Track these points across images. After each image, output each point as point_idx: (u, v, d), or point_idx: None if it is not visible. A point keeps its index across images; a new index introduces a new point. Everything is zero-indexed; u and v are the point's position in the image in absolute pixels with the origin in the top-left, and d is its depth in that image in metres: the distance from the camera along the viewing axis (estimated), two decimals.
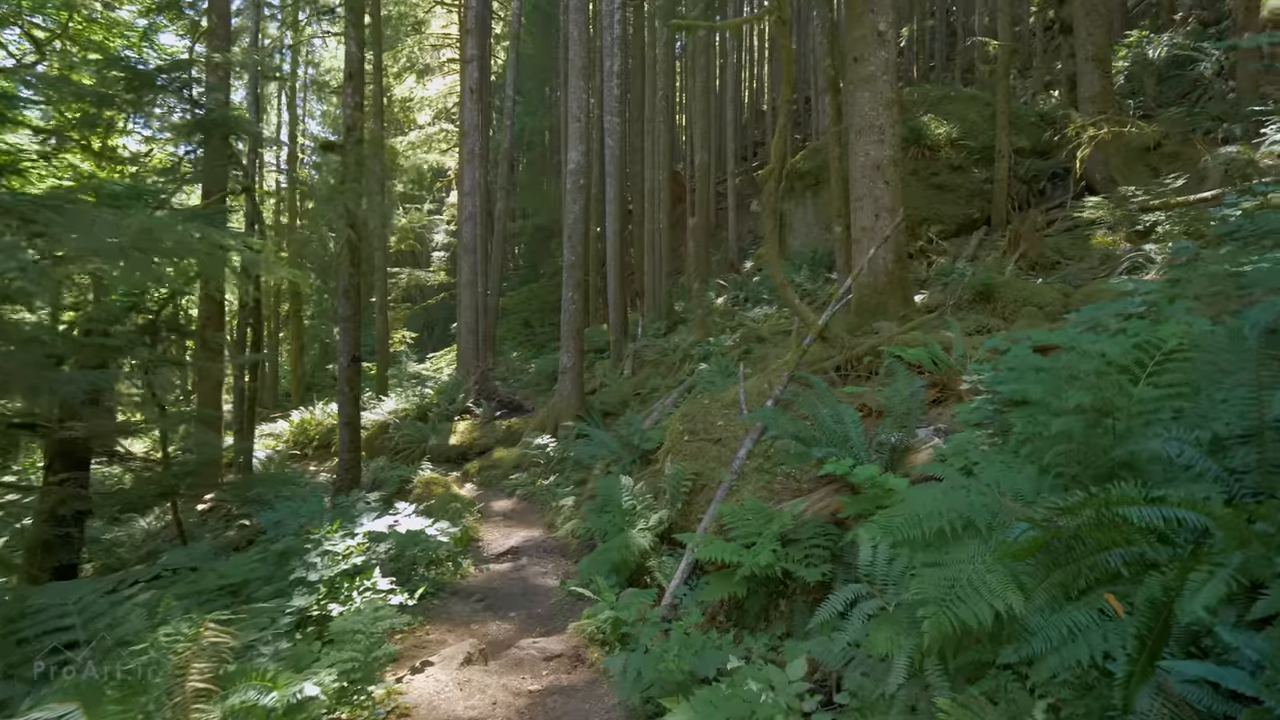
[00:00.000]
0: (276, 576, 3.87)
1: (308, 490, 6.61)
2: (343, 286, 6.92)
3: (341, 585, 3.74)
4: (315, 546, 3.97)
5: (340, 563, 3.81)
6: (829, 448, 3.86)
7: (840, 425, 4.18)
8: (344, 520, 4.54)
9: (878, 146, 7.20)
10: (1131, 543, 1.85)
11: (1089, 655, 1.64)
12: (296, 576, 3.67)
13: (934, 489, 2.23)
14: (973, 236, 10.77)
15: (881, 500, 3.20)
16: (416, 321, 29.89)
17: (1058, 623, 1.71)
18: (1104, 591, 1.78)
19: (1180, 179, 8.09)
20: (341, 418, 7.20)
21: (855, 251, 7.38)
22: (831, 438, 4.06)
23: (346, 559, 3.87)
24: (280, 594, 3.64)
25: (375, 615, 3.06)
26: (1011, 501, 2.02)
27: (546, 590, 5.40)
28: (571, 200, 11.07)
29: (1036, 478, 2.18)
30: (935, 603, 1.69)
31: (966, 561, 1.80)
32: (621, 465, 7.66)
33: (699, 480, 5.39)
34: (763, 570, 3.41)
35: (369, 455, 12.87)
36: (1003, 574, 1.73)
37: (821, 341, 6.10)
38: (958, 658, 1.78)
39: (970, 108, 13.36)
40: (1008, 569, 1.76)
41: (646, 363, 13.59)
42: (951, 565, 1.81)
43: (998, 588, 1.69)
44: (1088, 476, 2.12)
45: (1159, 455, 2.12)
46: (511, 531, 7.34)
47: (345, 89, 7.03)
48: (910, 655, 1.78)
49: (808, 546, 3.65)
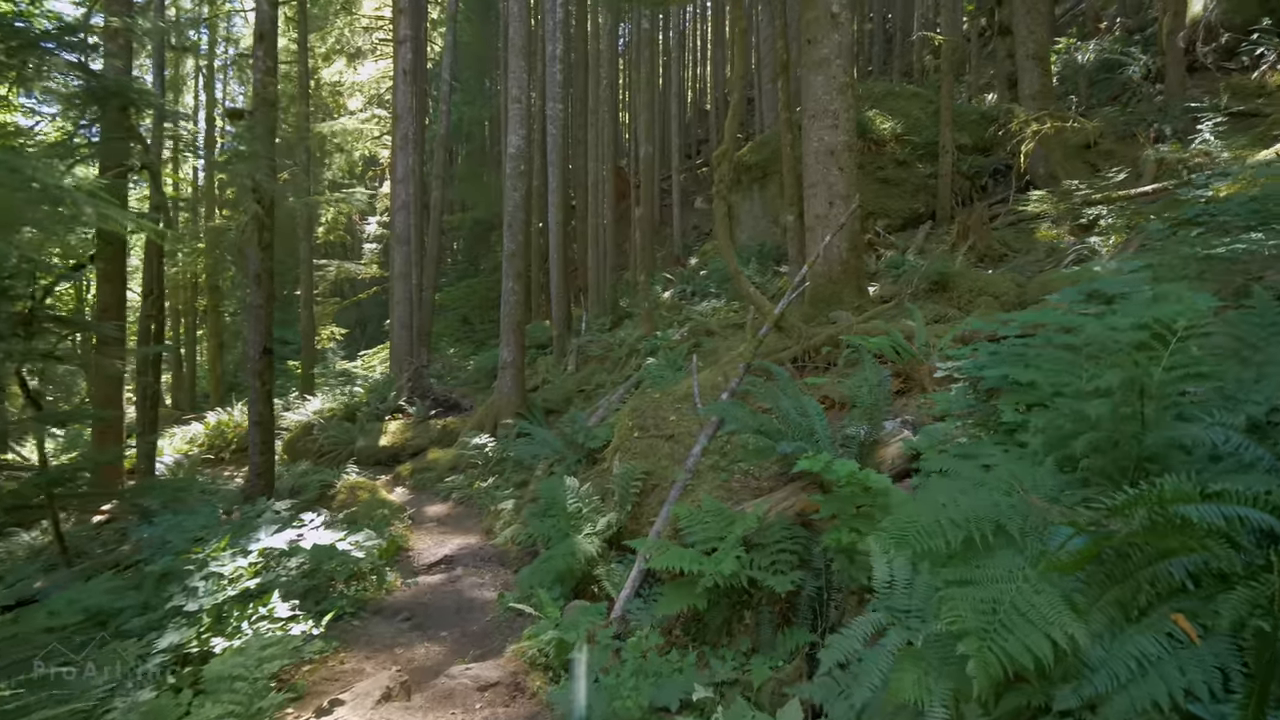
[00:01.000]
0: (155, 604, 3.25)
1: (209, 498, 5.88)
2: (252, 270, 6.21)
3: (231, 614, 3.15)
4: (200, 568, 3.36)
5: (228, 587, 3.22)
6: (797, 442, 3.50)
7: (805, 418, 3.83)
8: (238, 535, 3.92)
9: (831, 132, 6.95)
10: (1192, 549, 1.51)
11: (1166, 694, 1.30)
12: (174, 605, 3.07)
13: (945, 488, 1.88)
14: (919, 230, 10.73)
15: (859, 499, 2.85)
16: (348, 318, 28.58)
17: (1122, 653, 1.37)
18: (1169, 611, 1.44)
19: (1122, 174, 8.15)
20: (252, 416, 6.48)
21: (809, 240, 7.11)
22: (796, 431, 3.71)
23: (235, 582, 3.28)
24: (155, 626, 3.04)
25: (261, 656, 2.51)
26: (1040, 501, 1.68)
27: (483, 604, 4.88)
28: (512, 187, 10.51)
29: (1055, 473, 1.85)
30: (977, 634, 1.33)
31: (1004, 578, 1.44)
32: (566, 465, 7.19)
33: (650, 480, 4.98)
34: (727, 580, 3.02)
35: (291, 459, 11.98)
36: (1051, 593, 1.38)
37: (777, 331, 5.78)
38: (1002, 703, 1.42)
39: (913, 104, 13.41)
40: (1055, 586, 1.41)
41: (591, 358, 13.12)
42: (987, 584, 1.45)
43: (1049, 612, 1.34)
44: (1114, 469, 1.80)
45: (1201, 442, 1.81)
46: (445, 539, 6.77)
47: (255, 51, 6.31)
48: (946, 703, 1.41)
49: (774, 551, 3.28)
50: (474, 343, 24.05)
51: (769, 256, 12.55)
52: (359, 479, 8.35)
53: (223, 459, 14.85)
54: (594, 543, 4.77)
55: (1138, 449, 1.81)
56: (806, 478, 3.77)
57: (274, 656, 2.57)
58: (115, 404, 10.47)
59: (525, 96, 10.61)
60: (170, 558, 3.53)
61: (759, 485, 4.41)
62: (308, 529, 4.07)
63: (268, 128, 5.87)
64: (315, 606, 4.47)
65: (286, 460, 12.04)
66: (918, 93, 14.13)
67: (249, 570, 3.42)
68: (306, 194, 18.73)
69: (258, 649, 2.58)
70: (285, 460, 12.06)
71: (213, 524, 4.31)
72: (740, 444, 4.83)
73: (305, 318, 18.31)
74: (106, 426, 10.09)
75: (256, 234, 5.99)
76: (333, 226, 23.76)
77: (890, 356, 4.93)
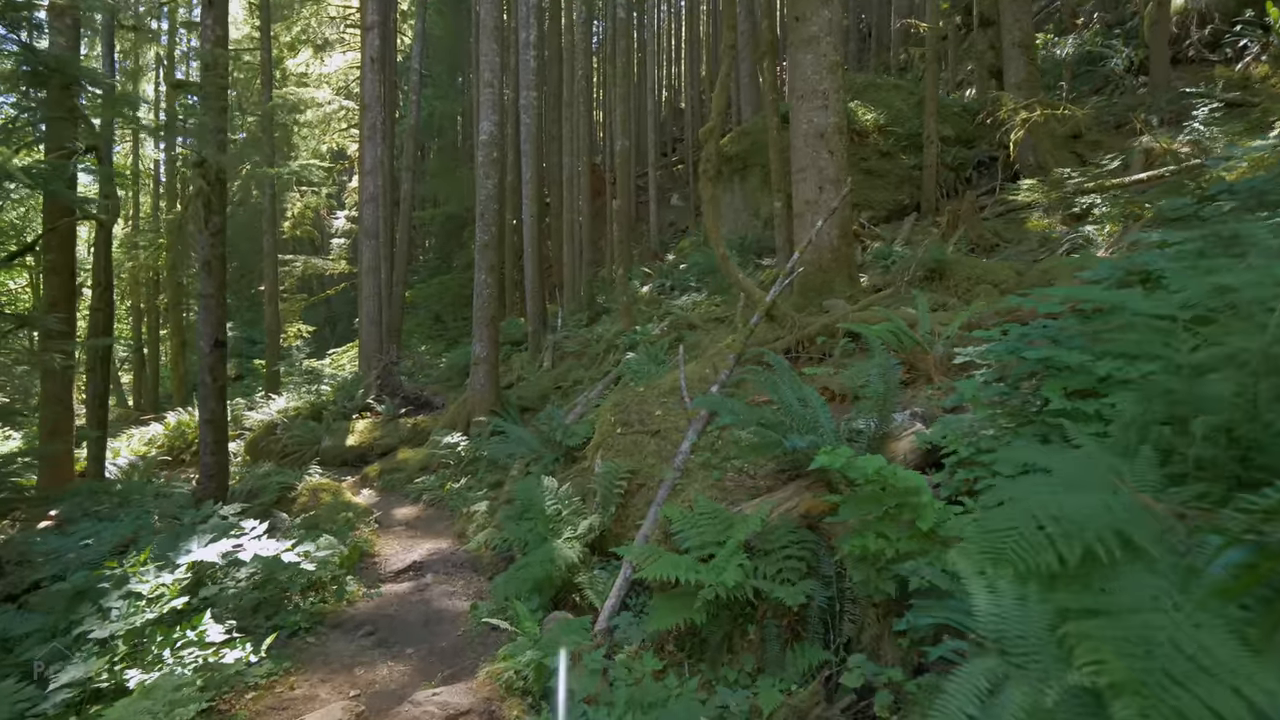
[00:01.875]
0: (65, 628, 2.80)
1: (153, 501, 5.37)
2: (201, 255, 5.70)
3: (152, 639, 2.71)
4: (118, 585, 2.91)
5: (147, 608, 2.78)
6: (808, 436, 3.15)
7: (808, 410, 3.49)
8: (170, 545, 3.46)
9: (821, 113, 6.64)
10: None
11: None
12: (82, 631, 2.63)
13: (1033, 486, 1.54)
14: (904, 222, 10.51)
15: (883, 500, 2.51)
16: (316, 316, 27.78)
17: None
18: None
19: (1115, 161, 7.97)
20: (203, 414, 5.97)
21: (798, 226, 6.79)
22: (801, 424, 3.36)
23: (156, 603, 2.83)
24: (63, 656, 2.60)
25: (173, 698, 2.07)
26: (1164, 503, 1.35)
27: (454, 616, 4.47)
28: (484, 175, 10.06)
29: (1155, 465, 1.52)
30: (1133, 689, 0.98)
31: (1147, 606, 1.10)
32: (543, 464, 6.79)
33: (635, 479, 4.61)
34: (730, 592, 2.66)
35: (253, 459, 11.41)
36: (1217, 628, 1.05)
37: (769, 321, 5.44)
38: None
39: (895, 96, 13.22)
40: (1217, 616, 1.08)
41: (567, 354, 12.71)
42: (1123, 614, 1.11)
43: (1226, 654, 1.00)
44: (1228, 460, 1.48)
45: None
46: (414, 544, 6.33)
47: (204, 19, 5.80)
48: None
49: (780, 558, 2.93)
50: (446, 340, 23.47)
51: (750, 249, 12.24)
52: (322, 480, 7.85)
53: (182, 460, 14.19)
54: (575, 548, 4.39)
55: (1264, 434, 1.48)
56: (811, 476, 3.43)
57: (189, 699, 2.14)
58: (64, 403, 9.85)
59: (498, 81, 10.17)
60: (84, 573, 3.06)
61: (756, 484, 4.07)
62: (248, 538, 3.62)
63: (218, 99, 5.38)
64: (266, 621, 4.03)
65: (248, 461, 11.47)
66: (898, 84, 13.95)
67: (172, 589, 2.96)
68: (270, 185, 18.05)
69: (170, 689, 2.14)
70: (247, 461, 11.50)
71: (147, 531, 3.84)
72: (733, 439, 4.49)
73: (270, 314, 17.62)
74: (55, 427, 9.47)
75: (203, 214, 5.49)
76: (299, 221, 22.96)
77: (893, 345, 4.62)
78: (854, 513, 2.48)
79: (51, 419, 9.49)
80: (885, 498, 2.38)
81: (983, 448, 2.62)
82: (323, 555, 4.07)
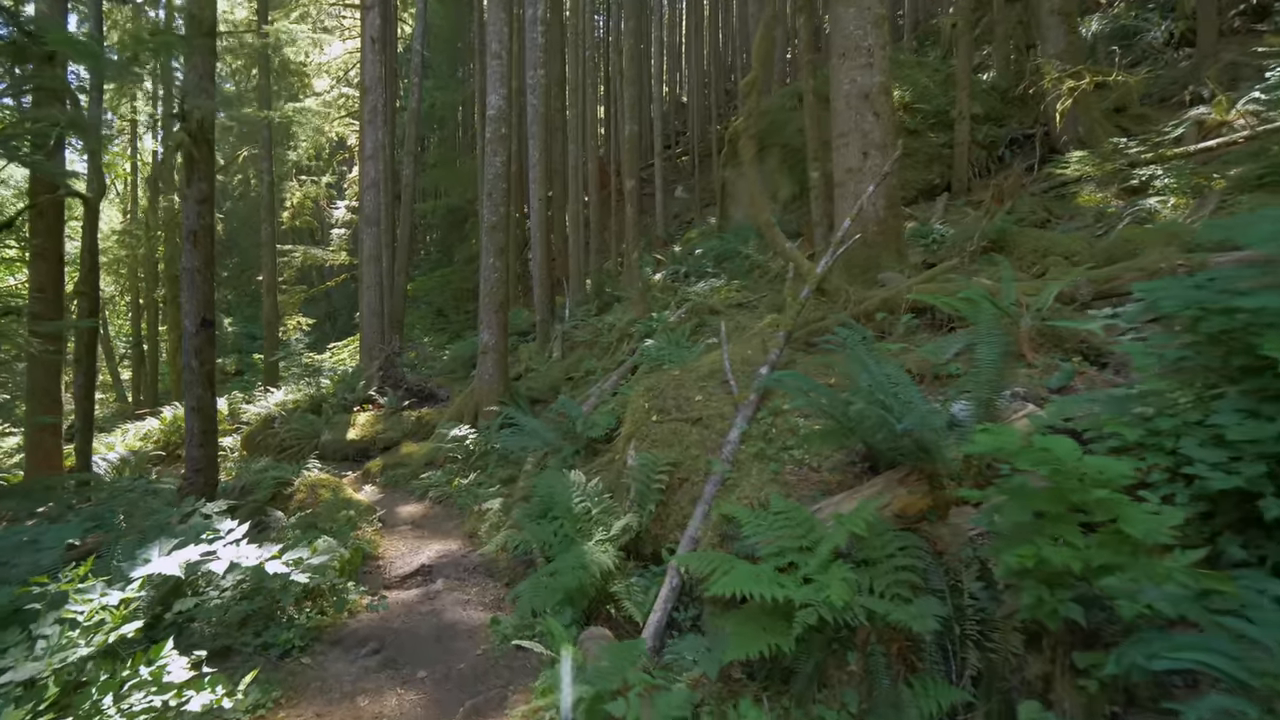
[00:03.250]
0: None
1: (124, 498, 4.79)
2: (187, 225, 5.11)
3: (94, 678, 2.13)
4: (54, 606, 2.33)
5: (81, 639, 2.19)
6: (925, 409, 2.57)
7: (901, 389, 2.92)
8: (128, 554, 2.86)
9: (866, 72, 6.05)
10: None
11: None
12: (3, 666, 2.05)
13: None
14: (936, 201, 9.92)
15: (1064, 496, 1.92)
16: (317, 310, 27.25)
17: None
18: None
19: (1180, 128, 7.37)
20: (189, 401, 5.39)
21: (839, 196, 6.20)
22: (897, 407, 2.78)
23: (95, 631, 2.23)
24: None
25: None
26: None
27: (470, 629, 3.90)
28: (492, 152, 9.46)
29: None
30: None
31: None
32: (561, 458, 6.23)
33: (677, 473, 4.04)
34: (838, 614, 2.09)
35: (250, 454, 10.88)
36: None
37: (819, 296, 4.87)
38: None
39: (921, 73, 12.61)
40: None
41: (578, 344, 12.13)
42: None
43: None
44: None
45: None
46: (422, 545, 5.77)
47: None
48: None
49: (890, 570, 2.36)
50: (449, 334, 22.89)
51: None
52: (322, 476, 7.28)
53: (178, 456, 13.63)
54: (609, 552, 3.83)
55: None
56: (905, 468, 2.86)
57: None
58: (52, 394, 9.32)
59: (506, 52, 9.56)
60: (9, 589, 2.44)
61: (823, 479, 3.50)
62: (223, 543, 3.02)
63: (201, 29, 4.77)
64: (255, 639, 3.47)
65: (245, 456, 10.94)
66: (923, 61, 13.35)
67: (115, 616, 2.34)
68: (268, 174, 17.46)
69: None
70: (243, 456, 10.97)
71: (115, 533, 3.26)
72: (789, 426, 3.92)
73: (268, 304, 17.05)
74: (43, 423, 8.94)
75: (187, 175, 4.91)
76: (299, 210, 22.38)
77: (972, 318, 4.04)
78: (1016, 513, 1.90)
79: (39, 412, 8.96)
80: (1073, 493, 1.80)
81: (1158, 429, 2.05)
82: (319, 562, 3.49)
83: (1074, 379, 3.34)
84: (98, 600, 2.31)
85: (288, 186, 23.19)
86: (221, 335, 26.69)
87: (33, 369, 8.90)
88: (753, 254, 11.21)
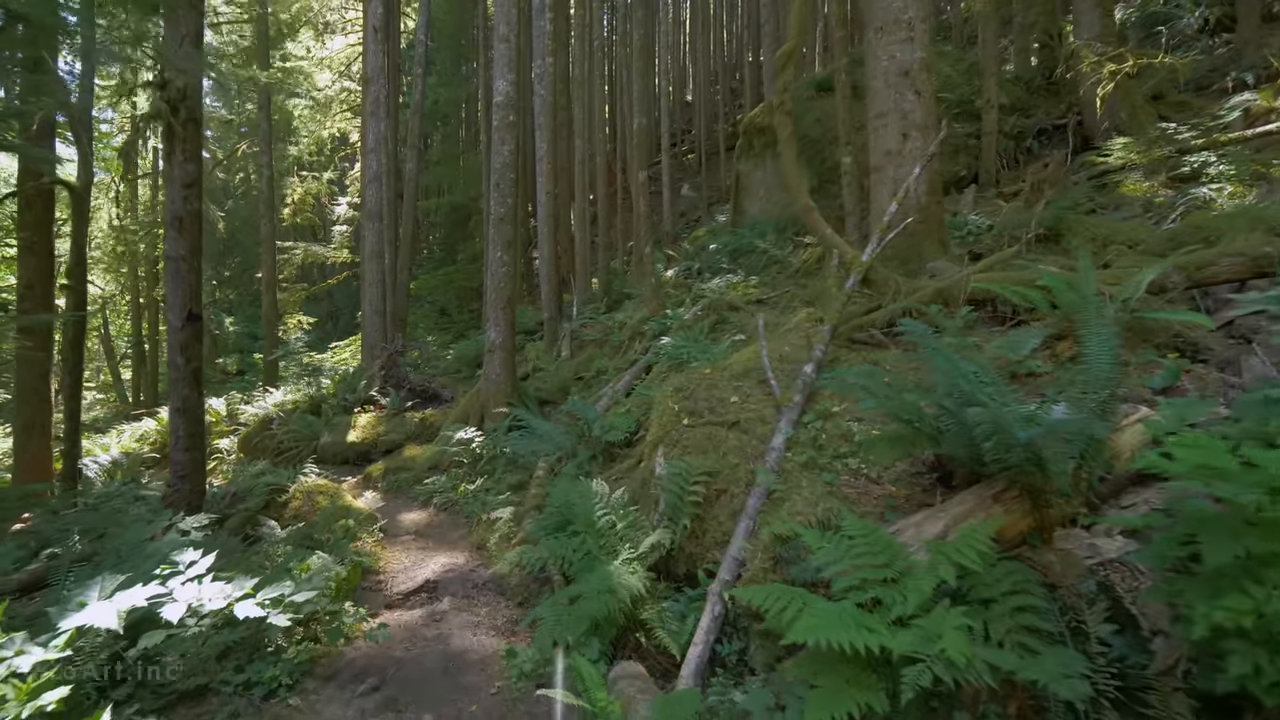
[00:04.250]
0: None
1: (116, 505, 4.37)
2: (172, 210, 4.68)
3: None
4: None
5: None
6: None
7: (993, 390, 2.48)
8: (77, 588, 2.41)
9: (906, 47, 5.61)
10: None
11: None
12: None
13: None
14: (965, 193, 9.46)
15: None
16: (319, 309, 26.84)
17: None
18: None
19: (1232, 113, 6.92)
20: (173, 401, 4.96)
21: (875, 182, 5.77)
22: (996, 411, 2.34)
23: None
24: None
25: None
26: None
27: (481, 659, 3.47)
28: (500, 141, 9.04)
29: None
30: None
31: None
32: (576, 463, 5.80)
33: (714, 483, 3.60)
34: (959, 674, 1.65)
35: (247, 457, 10.44)
36: None
37: (863, 286, 4.42)
38: None
39: (942, 62, 12.13)
40: None
41: (587, 343, 11.70)
42: None
43: None
44: None
45: None
46: (426, 557, 5.34)
47: None
48: None
49: (1007, 612, 1.92)
50: (453, 334, 22.46)
51: (788, 229, 11.21)
52: (320, 481, 6.85)
53: None
54: (638, 573, 3.39)
55: None
56: (1000, 483, 2.42)
57: None
58: (42, 395, 8.94)
59: (514, 35, 9.15)
60: None
61: (886, 491, 3.06)
62: (179, 582, 2.55)
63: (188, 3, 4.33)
64: (236, 675, 3.04)
65: (242, 459, 10.51)
66: (944, 50, 12.88)
67: (21, 691, 1.82)
68: (268, 167, 17.06)
69: None
70: (241, 459, 10.54)
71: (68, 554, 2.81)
72: (841, 432, 3.48)
73: (268, 302, 16.66)
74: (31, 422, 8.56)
75: (167, 150, 4.47)
76: (299, 207, 21.98)
77: (1044, 310, 3.60)
78: (1221, 552, 1.46)
79: (27, 413, 8.57)
80: None
81: None
82: (305, 598, 3.04)
83: (1180, 378, 2.90)
84: (6, 665, 1.82)
85: (288, 182, 22.80)
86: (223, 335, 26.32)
87: (21, 369, 8.51)
88: (770, 249, 10.77)
